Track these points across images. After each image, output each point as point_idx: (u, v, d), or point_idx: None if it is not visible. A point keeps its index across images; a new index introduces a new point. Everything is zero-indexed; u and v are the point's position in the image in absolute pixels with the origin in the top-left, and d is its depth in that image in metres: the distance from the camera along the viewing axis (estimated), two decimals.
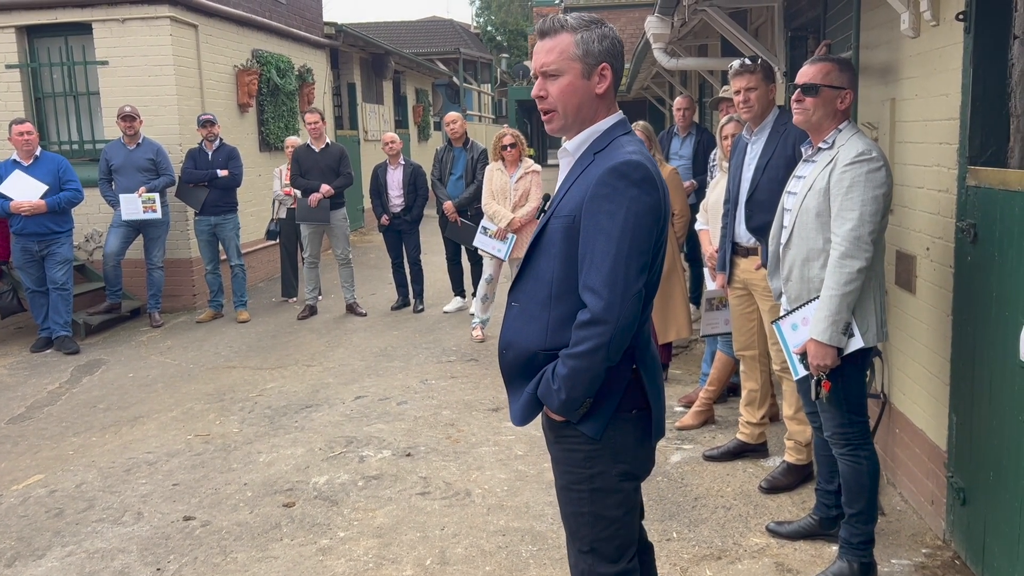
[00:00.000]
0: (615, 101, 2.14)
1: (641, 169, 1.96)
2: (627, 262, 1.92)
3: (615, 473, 2.09)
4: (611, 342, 1.93)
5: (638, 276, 1.94)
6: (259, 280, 10.25)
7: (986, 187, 2.88)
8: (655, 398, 2.12)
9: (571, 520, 2.17)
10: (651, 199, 1.96)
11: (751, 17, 7.31)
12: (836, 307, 2.84)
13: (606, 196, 1.95)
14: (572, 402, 2.01)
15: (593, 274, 1.94)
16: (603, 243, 1.93)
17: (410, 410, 5.29)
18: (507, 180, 6.88)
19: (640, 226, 1.94)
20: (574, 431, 2.08)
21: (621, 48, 2.10)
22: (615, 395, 2.06)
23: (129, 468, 4.51)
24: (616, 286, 1.92)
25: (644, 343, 2.11)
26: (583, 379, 1.97)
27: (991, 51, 2.96)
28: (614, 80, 2.08)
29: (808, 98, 2.97)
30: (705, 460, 4.30)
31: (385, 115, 17.05)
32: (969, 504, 3.08)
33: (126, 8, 8.31)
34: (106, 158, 7.76)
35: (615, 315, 1.92)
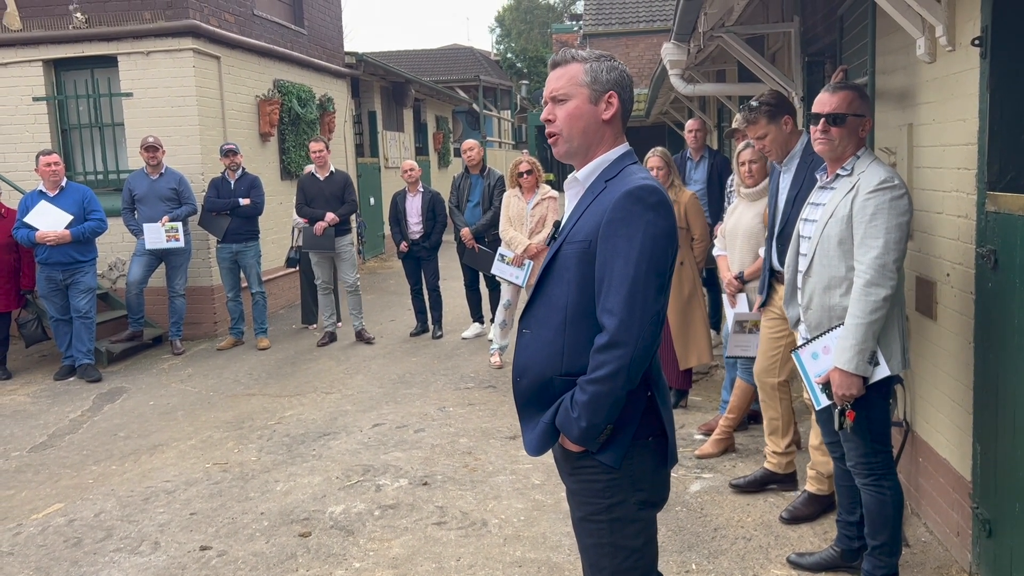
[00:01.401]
0: (623, 133, 2.19)
1: (657, 193, 2.02)
2: (645, 284, 1.95)
3: (634, 502, 2.09)
4: (631, 364, 1.94)
5: (656, 298, 1.97)
6: (279, 307, 10.32)
7: (1005, 213, 2.84)
8: (671, 424, 2.14)
9: (591, 552, 2.15)
10: (667, 223, 2.01)
11: (768, 43, 7.32)
12: (863, 336, 2.80)
13: (623, 220, 1.99)
14: (593, 429, 2.00)
15: (612, 296, 1.96)
16: (621, 266, 1.96)
17: (427, 438, 5.28)
18: (524, 206, 6.90)
19: (657, 249, 1.98)
20: (591, 461, 2.07)
21: (630, 82, 2.18)
22: (632, 422, 2.06)
23: (148, 497, 4.53)
24: (635, 308, 1.94)
25: (657, 369, 2.14)
26: (604, 404, 1.97)
27: (1008, 76, 2.93)
28: (621, 110, 2.15)
29: (834, 128, 2.95)
30: (732, 489, 4.21)
31: (405, 142, 17.20)
32: (995, 536, 3.01)
33: (151, 41, 8.47)
34: (129, 188, 7.88)
35: (634, 337, 1.94)
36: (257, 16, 10.11)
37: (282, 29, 10.90)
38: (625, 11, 24.25)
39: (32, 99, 8.73)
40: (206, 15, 8.77)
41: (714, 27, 5.69)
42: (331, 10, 12.96)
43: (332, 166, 8.19)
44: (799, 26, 5.95)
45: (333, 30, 12.98)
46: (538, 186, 6.99)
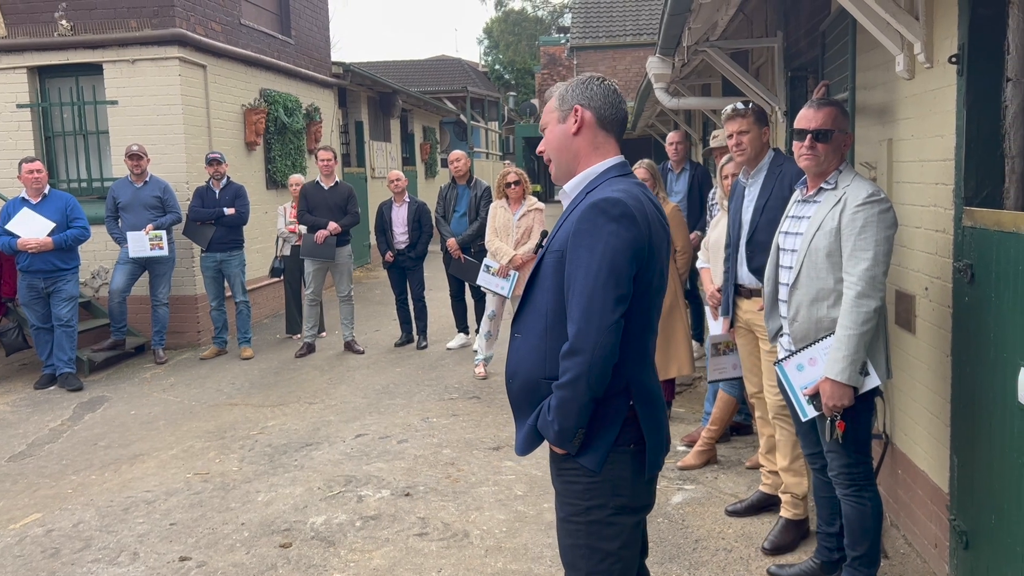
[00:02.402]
0: (608, 142, 2.23)
1: (620, 205, 2.04)
2: (603, 294, 2.00)
3: (612, 507, 2.14)
4: (590, 371, 2.00)
5: (614, 308, 2.00)
6: (264, 317, 10.28)
7: (981, 228, 2.88)
8: (650, 433, 2.15)
9: (568, 552, 2.21)
10: (630, 234, 2.03)
11: (752, 57, 7.39)
12: (854, 347, 2.84)
13: (587, 231, 2.05)
14: (565, 432, 2.07)
15: (573, 306, 2.04)
16: (582, 276, 2.03)
17: (410, 448, 5.27)
18: (510, 217, 6.92)
19: (618, 260, 2.01)
20: (574, 464, 2.15)
21: (604, 92, 2.22)
22: (612, 429, 2.11)
23: (127, 507, 4.49)
24: (592, 317, 2.00)
25: (642, 378, 2.16)
26: (570, 409, 2.05)
27: (984, 93, 2.98)
28: (595, 119, 2.20)
29: (820, 144, 2.99)
30: (728, 516, 4.09)
31: (392, 152, 17.21)
32: (972, 548, 3.03)
33: (136, 49, 8.45)
34: (113, 196, 7.84)
35: (591, 345, 1.99)
36: (244, 25, 10.11)
37: (269, 38, 10.91)
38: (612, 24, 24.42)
39: (16, 106, 8.68)
40: (192, 24, 8.76)
41: (698, 41, 5.75)
42: (318, 20, 12.98)
43: (336, 176, 8.19)
44: (782, 41, 6.01)
45: (320, 40, 13.00)
46: (525, 197, 7.02)
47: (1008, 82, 2.96)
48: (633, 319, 2.10)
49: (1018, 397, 2.59)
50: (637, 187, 2.17)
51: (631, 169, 2.25)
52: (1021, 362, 2.59)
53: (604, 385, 2.04)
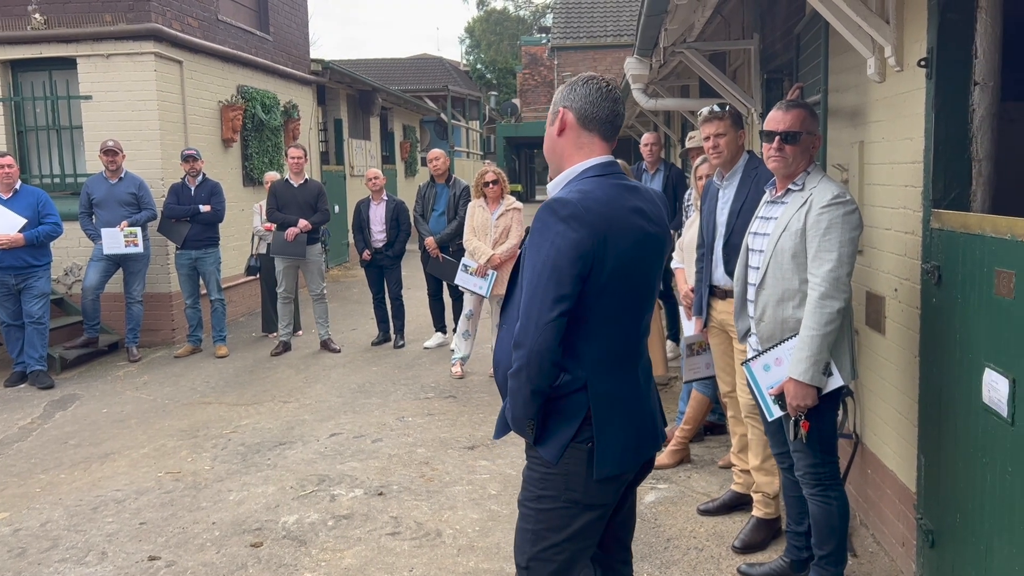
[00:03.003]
0: (594, 142, 2.22)
1: (569, 206, 2.05)
2: (543, 293, 2.03)
3: (564, 500, 2.17)
4: (528, 365, 2.04)
5: (552, 306, 2.02)
6: (239, 315, 10.20)
7: (949, 230, 2.91)
8: (600, 434, 2.13)
9: (518, 534, 2.29)
10: (576, 235, 2.03)
11: (730, 59, 7.43)
12: (818, 347, 2.86)
13: (538, 230, 2.09)
14: (517, 420, 2.14)
15: (522, 303, 2.08)
16: (529, 273, 2.08)
17: (385, 448, 5.25)
18: (488, 217, 6.91)
19: (560, 260, 2.02)
20: (535, 452, 2.19)
21: (587, 91, 2.21)
22: (569, 424, 2.13)
23: (96, 506, 4.44)
24: (531, 314, 2.04)
25: (604, 380, 2.14)
26: (516, 398, 2.10)
27: (953, 96, 3.01)
28: (577, 119, 2.21)
29: (788, 146, 3.00)
30: (700, 515, 4.11)
31: (372, 151, 17.15)
32: (937, 546, 3.06)
33: (111, 44, 8.36)
34: (87, 192, 7.76)
35: (529, 341, 2.03)
36: (221, 21, 10.03)
37: (247, 35, 10.83)
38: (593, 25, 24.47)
39: None
40: (168, 19, 8.69)
41: (675, 43, 5.77)
42: (297, 17, 12.91)
43: (306, 174, 8.15)
44: (758, 43, 6.05)
45: (299, 37, 12.93)
46: (503, 197, 7.00)
47: (976, 86, 2.99)
48: (591, 319, 2.10)
49: (982, 398, 2.63)
50: (613, 188, 2.14)
51: (617, 169, 2.23)
52: (986, 363, 2.62)
53: (545, 380, 2.06)
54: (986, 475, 2.64)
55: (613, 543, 2.44)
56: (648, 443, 2.26)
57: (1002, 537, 2.54)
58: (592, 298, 2.08)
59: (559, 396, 2.12)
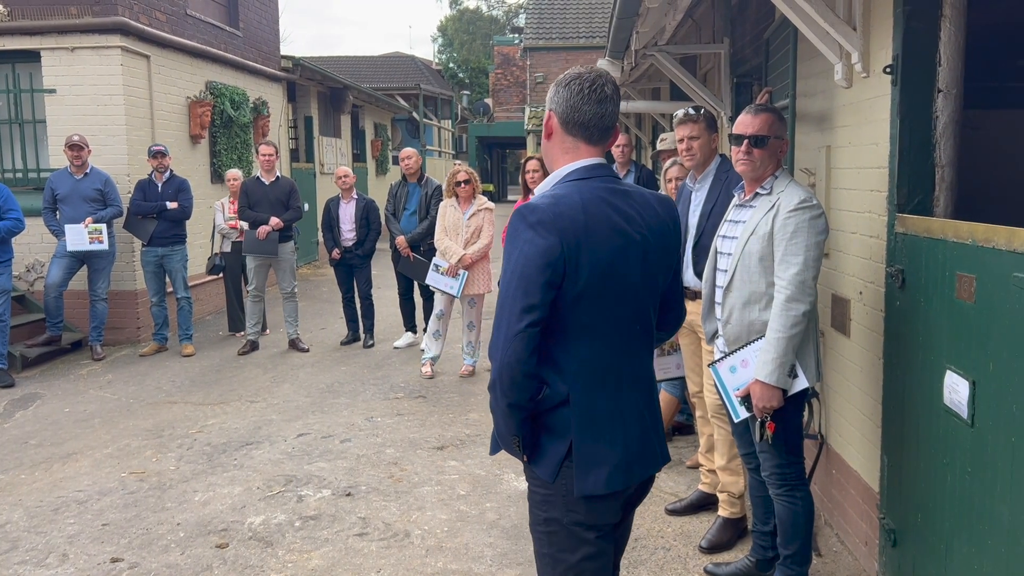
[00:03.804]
0: (579, 146, 2.10)
1: (537, 212, 1.96)
2: (512, 303, 1.94)
3: (567, 521, 2.07)
4: (500, 377, 1.96)
5: (520, 316, 1.93)
6: (206, 313, 10.08)
7: (912, 234, 2.96)
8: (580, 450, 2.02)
9: (536, 559, 2.18)
10: (545, 242, 1.93)
11: (700, 63, 7.49)
12: (783, 349, 2.89)
13: (510, 238, 2.01)
14: (503, 437, 2.07)
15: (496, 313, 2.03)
16: (502, 283, 2.00)
17: (353, 448, 5.22)
18: (460, 216, 6.90)
19: (528, 268, 1.93)
20: (532, 473, 2.11)
21: (569, 94, 2.08)
22: (560, 440, 2.03)
23: (58, 507, 4.36)
24: (501, 325, 1.96)
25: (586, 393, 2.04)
26: (496, 413, 2.04)
27: (917, 103, 3.06)
28: (560, 123, 2.10)
29: (756, 149, 3.03)
30: (668, 515, 4.12)
31: (342, 149, 17.04)
32: (899, 545, 3.11)
33: (76, 37, 8.22)
34: (51, 187, 7.62)
35: (500, 353, 1.95)
36: (190, 16, 9.91)
37: (216, 30, 10.71)
38: (565, 26, 24.54)
39: None
40: (136, 13, 8.56)
41: (647, 45, 5.81)
42: (268, 13, 12.79)
43: (278, 171, 8.07)
44: (728, 48, 6.11)
45: (269, 33, 12.81)
46: (475, 196, 7.00)
47: (939, 93, 3.05)
48: (568, 329, 2.00)
49: (943, 400, 2.67)
50: (595, 191, 2.03)
51: (605, 171, 2.09)
52: (947, 365, 2.66)
53: (519, 392, 1.96)
54: (946, 475, 2.69)
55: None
56: (642, 462, 2.12)
57: (961, 536, 2.59)
58: (568, 307, 1.98)
59: (545, 411, 2.04)
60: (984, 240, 2.43)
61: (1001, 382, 2.34)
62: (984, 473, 2.45)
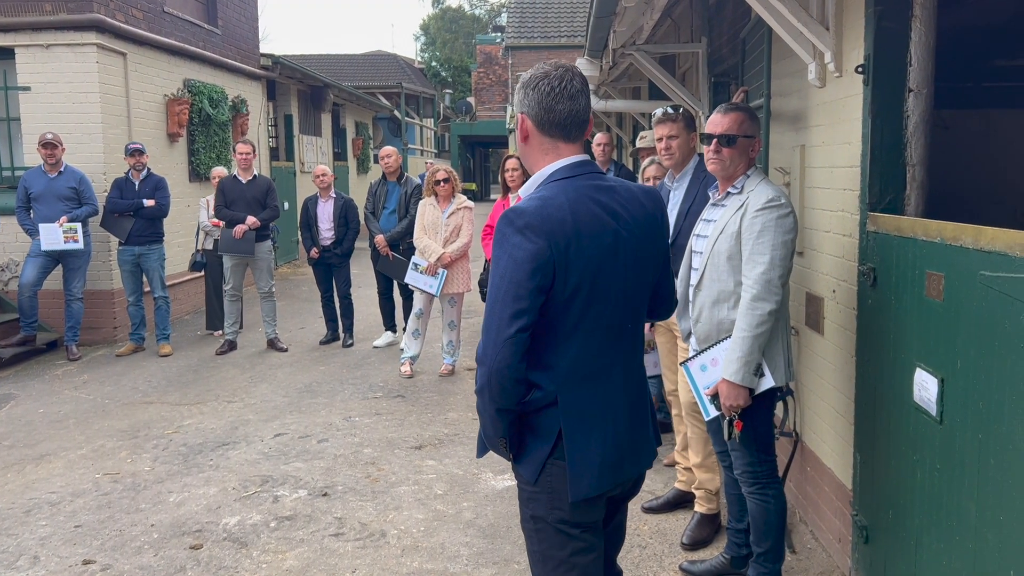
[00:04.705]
0: (557, 145, 2.09)
1: (525, 216, 1.94)
2: (501, 308, 1.93)
3: (552, 519, 2.08)
4: (489, 383, 1.94)
5: (510, 322, 1.92)
6: (184, 313, 10.01)
7: (884, 233, 2.98)
8: (572, 452, 2.02)
9: (529, 557, 2.19)
10: (533, 246, 1.91)
11: (679, 62, 7.51)
12: (748, 348, 2.89)
13: (498, 242, 1.98)
14: (489, 439, 2.07)
15: (484, 317, 2.01)
16: (490, 288, 1.98)
17: (330, 448, 5.19)
18: (439, 215, 6.89)
19: (518, 273, 1.92)
20: (518, 471, 2.12)
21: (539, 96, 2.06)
22: (545, 441, 2.03)
23: (29, 509, 4.31)
24: (490, 331, 1.95)
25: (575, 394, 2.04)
26: (484, 415, 2.03)
27: (888, 103, 3.08)
28: (535, 125, 2.08)
29: (725, 148, 3.04)
30: (644, 513, 4.12)
31: (323, 147, 16.96)
32: (871, 542, 3.13)
33: (51, 34, 8.13)
34: (25, 186, 7.53)
35: (489, 359, 1.93)
36: (167, 13, 9.82)
37: (194, 28, 10.62)
38: (547, 26, 24.55)
39: None
40: (112, 10, 8.47)
41: (625, 44, 5.82)
42: (246, 11, 12.70)
43: (255, 170, 8.02)
44: (706, 47, 6.13)
45: (248, 31, 12.72)
46: (454, 195, 6.99)
47: (910, 93, 3.07)
48: (559, 330, 2.00)
49: (913, 397, 2.69)
50: (581, 189, 2.02)
51: (589, 168, 2.08)
52: (916, 363, 2.69)
53: (508, 397, 1.96)
54: (916, 472, 2.71)
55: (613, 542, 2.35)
56: (631, 460, 2.12)
57: (930, 532, 2.61)
58: (558, 309, 1.97)
59: (531, 412, 2.03)
60: (952, 239, 2.45)
61: (968, 379, 2.36)
62: (952, 470, 2.47)
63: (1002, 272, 2.18)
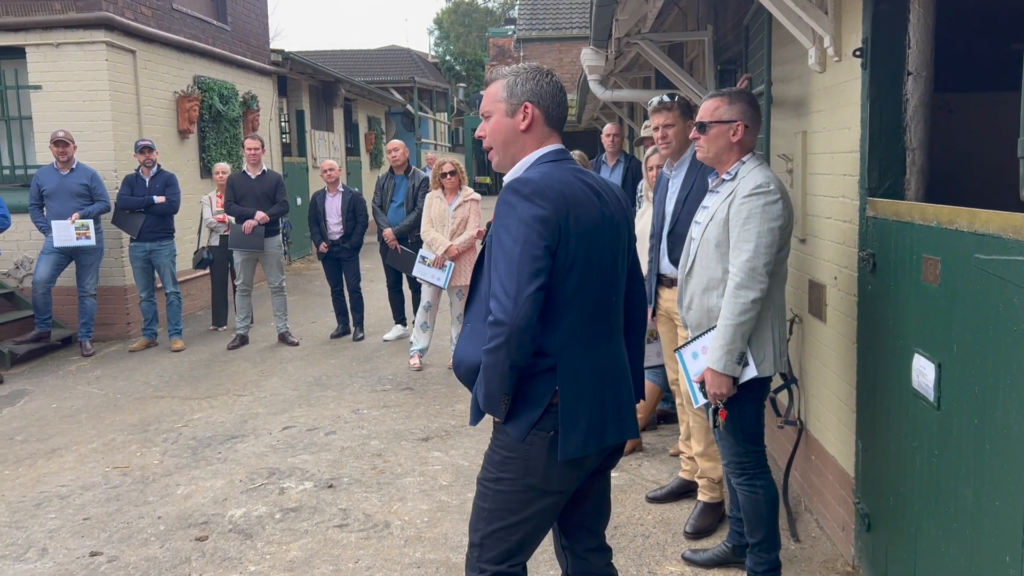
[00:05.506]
0: (552, 135, 2.28)
1: (531, 184, 2.10)
2: (519, 268, 2.03)
3: (522, 484, 2.19)
4: (509, 341, 2.04)
5: (531, 279, 2.03)
6: (197, 308, 10.08)
7: (883, 218, 2.95)
8: (567, 411, 2.14)
9: (474, 511, 2.30)
10: (542, 211, 2.06)
11: (686, 51, 7.46)
12: (731, 336, 2.87)
13: (504, 212, 2.11)
14: (491, 397, 2.12)
15: (495, 283, 2.08)
16: (501, 254, 2.08)
17: (338, 440, 5.22)
18: (446, 208, 6.88)
19: (531, 233, 2.05)
20: (500, 434, 2.21)
21: (552, 89, 2.27)
22: (535, 408, 2.14)
23: (40, 502, 4.37)
24: (510, 291, 2.04)
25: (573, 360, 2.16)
26: (494, 374, 2.09)
27: (887, 86, 3.05)
28: (543, 117, 2.25)
29: (701, 135, 3.03)
30: (648, 502, 4.13)
31: (335, 142, 17.01)
32: (873, 530, 3.11)
33: (61, 32, 8.19)
34: (38, 184, 7.61)
35: (511, 317, 2.02)
36: (176, 10, 9.87)
37: (203, 24, 10.67)
38: (559, 17, 24.47)
39: None
40: (120, 7, 8.52)
41: (629, 33, 5.78)
42: (256, 6, 12.74)
43: (264, 165, 8.05)
44: (712, 35, 6.08)
45: (258, 27, 12.76)
46: (461, 187, 6.98)
47: (909, 76, 3.03)
48: (558, 297, 2.11)
49: (912, 383, 2.67)
50: (568, 171, 2.19)
51: (568, 156, 2.27)
52: (915, 349, 2.66)
53: (524, 354, 2.06)
54: (915, 459, 2.69)
55: (580, 531, 2.42)
56: (614, 428, 2.24)
57: (929, 519, 2.59)
58: (559, 276, 2.10)
59: (528, 377, 2.12)
60: (948, 222, 2.42)
61: (965, 364, 2.33)
62: (950, 456, 2.44)
63: (996, 255, 2.15)
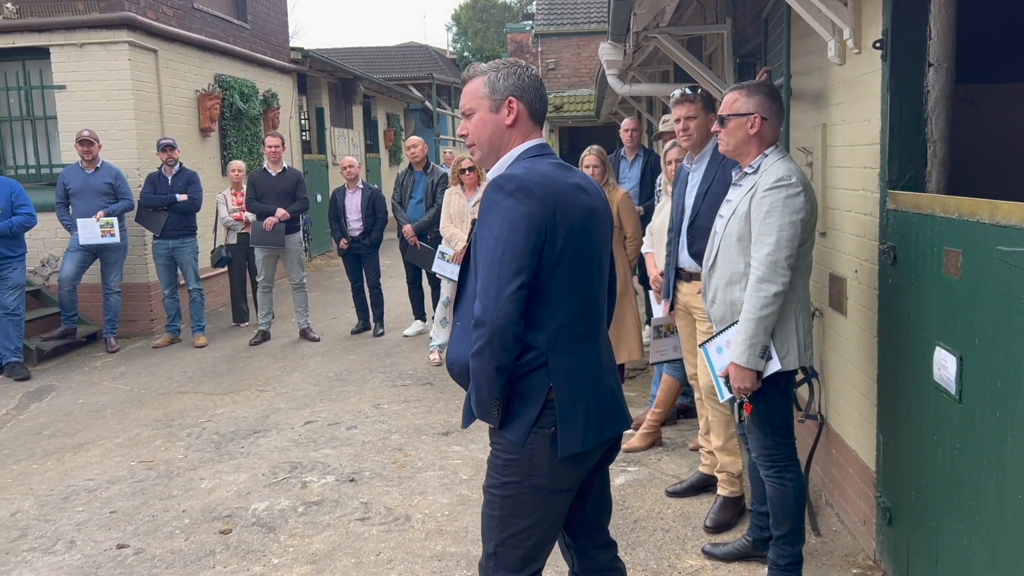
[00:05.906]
0: (535, 129, 2.30)
1: (515, 180, 2.08)
2: (500, 267, 2.03)
3: (528, 485, 2.16)
4: (491, 342, 2.02)
5: (512, 279, 2.02)
6: (219, 305, 10.17)
7: (903, 210, 2.93)
8: (563, 411, 2.13)
9: (484, 520, 2.27)
10: (526, 207, 2.05)
11: (705, 44, 7.43)
12: (753, 331, 2.86)
13: (487, 209, 2.10)
14: (482, 402, 2.11)
15: (479, 282, 2.08)
16: (484, 252, 2.07)
17: (359, 435, 5.26)
18: (465, 204, 6.90)
19: (514, 232, 2.04)
20: (499, 438, 2.18)
21: (533, 83, 2.28)
22: (533, 407, 2.13)
23: (67, 496, 4.44)
24: (490, 290, 2.03)
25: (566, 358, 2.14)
26: (480, 378, 2.08)
27: (907, 78, 3.02)
28: (527, 112, 2.26)
29: (721, 129, 3.04)
30: (668, 497, 4.14)
31: (355, 139, 17.08)
32: (895, 524, 3.10)
33: (84, 33, 8.29)
34: (63, 182, 7.71)
35: (491, 317, 2.02)
36: (197, 9, 9.96)
37: (224, 23, 10.75)
38: (576, 12, 24.40)
39: None
40: (142, 7, 8.61)
41: (647, 27, 5.76)
42: (276, 5, 12.82)
43: (285, 163, 8.11)
44: (731, 28, 6.05)
45: (278, 25, 12.84)
46: (480, 183, 6.99)
47: (930, 67, 3.01)
48: (548, 293, 2.10)
49: (933, 376, 2.65)
50: (552, 166, 2.19)
51: (550, 150, 2.29)
52: (936, 342, 2.65)
53: (508, 354, 2.05)
54: (937, 452, 2.67)
55: (584, 529, 2.41)
56: (611, 421, 2.23)
57: (951, 513, 2.58)
58: (547, 271, 2.09)
59: (521, 375, 2.11)
60: (969, 214, 2.41)
61: (986, 357, 2.32)
62: (972, 449, 2.43)
63: (1018, 247, 2.13)
